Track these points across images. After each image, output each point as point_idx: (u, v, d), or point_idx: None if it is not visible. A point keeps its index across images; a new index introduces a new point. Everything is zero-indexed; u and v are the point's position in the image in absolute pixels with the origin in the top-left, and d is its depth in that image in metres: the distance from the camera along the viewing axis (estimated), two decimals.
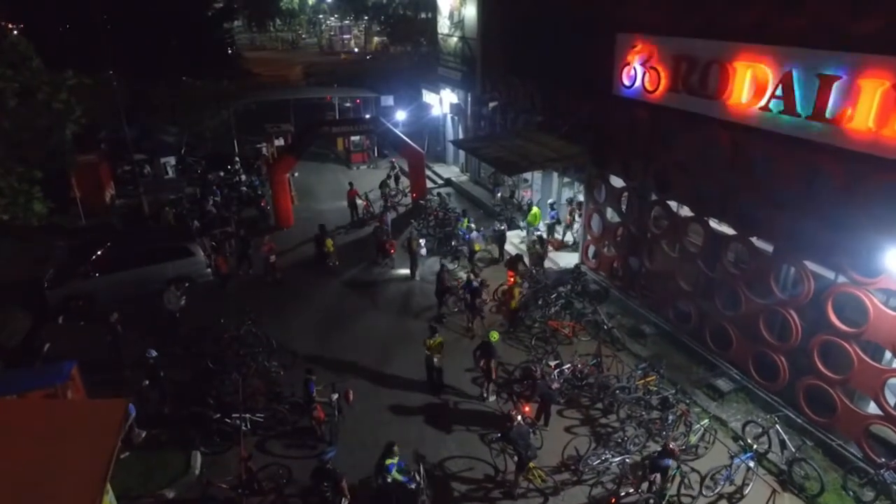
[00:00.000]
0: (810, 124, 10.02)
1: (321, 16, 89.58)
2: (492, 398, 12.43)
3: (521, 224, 19.86)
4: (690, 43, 12.25)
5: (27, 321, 15.03)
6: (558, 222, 19.34)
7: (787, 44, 10.24)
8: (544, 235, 18.43)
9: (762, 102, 10.79)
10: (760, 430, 10.89)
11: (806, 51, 9.95)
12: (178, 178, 25.01)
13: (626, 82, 14.04)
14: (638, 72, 13.67)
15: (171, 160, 25.65)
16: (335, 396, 11.05)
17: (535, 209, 18.94)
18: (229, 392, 11.63)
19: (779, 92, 10.44)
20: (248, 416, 11.04)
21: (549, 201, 19.65)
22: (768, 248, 11.66)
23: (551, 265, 17.76)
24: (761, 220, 11.54)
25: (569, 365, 12.46)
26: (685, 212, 13.56)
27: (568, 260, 17.97)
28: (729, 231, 12.49)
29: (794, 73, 10.12)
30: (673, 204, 13.81)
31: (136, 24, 29.20)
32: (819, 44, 9.76)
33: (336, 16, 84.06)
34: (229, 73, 34.39)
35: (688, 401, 11.55)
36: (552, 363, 12.42)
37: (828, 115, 9.70)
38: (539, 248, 17.37)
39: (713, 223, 12.78)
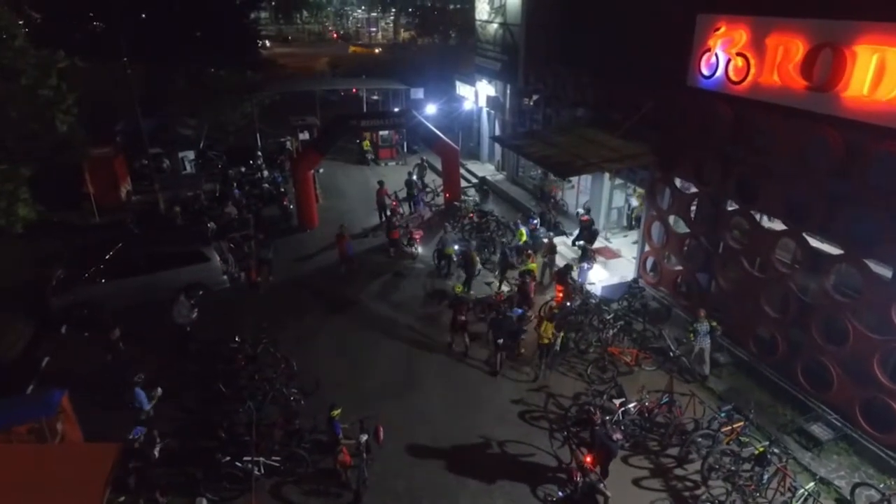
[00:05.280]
0: None
1: (348, 8, 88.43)
2: (467, 341, 12.87)
3: (567, 231, 17.93)
4: (793, 24, 10.23)
5: (27, 331, 13.69)
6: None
7: None
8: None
9: (892, 94, 8.78)
10: (879, 496, 8.92)
11: None
12: (197, 174, 23.55)
13: (706, 71, 12.05)
14: (720, 59, 11.68)
15: (190, 154, 24.16)
16: (364, 437, 9.40)
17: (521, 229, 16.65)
18: (242, 423, 10.06)
19: None
20: (261, 459, 9.44)
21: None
22: (887, 272, 9.64)
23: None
24: (878, 239, 9.52)
25: (635, 403, 10.61)
26: (772, 224, 11.56)
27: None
28: (831, 250, 10.49)
29: None
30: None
31: (158, 10, 27.81)
32: None
33: (363, 7, 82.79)
34: (253, 64, 32.93)
35: (786, 457, 9.52)
36: (617, 401, 10.56)
37: None
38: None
39: (811, 239, 10.78)
